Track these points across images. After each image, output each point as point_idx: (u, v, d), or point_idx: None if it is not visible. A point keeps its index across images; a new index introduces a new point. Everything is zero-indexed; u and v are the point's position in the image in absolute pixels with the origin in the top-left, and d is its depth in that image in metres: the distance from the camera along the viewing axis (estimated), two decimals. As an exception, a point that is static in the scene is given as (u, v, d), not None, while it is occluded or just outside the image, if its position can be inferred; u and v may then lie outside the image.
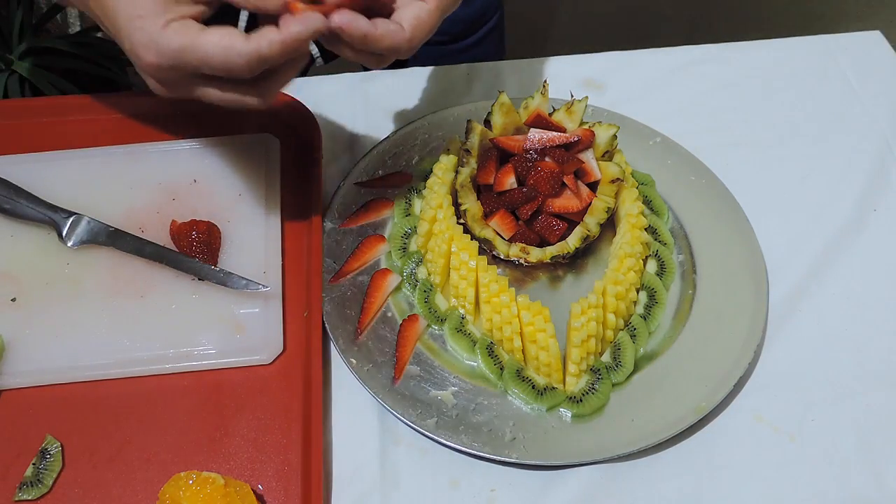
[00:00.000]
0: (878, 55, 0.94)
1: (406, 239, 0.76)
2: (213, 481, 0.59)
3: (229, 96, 0.60)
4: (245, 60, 0.56)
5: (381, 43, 0.60)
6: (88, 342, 0.68)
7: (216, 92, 0.60)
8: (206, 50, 0.56)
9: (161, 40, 0.57)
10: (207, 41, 0.56)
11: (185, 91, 0.60)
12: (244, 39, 0.56)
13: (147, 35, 0.57)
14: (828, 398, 0.68)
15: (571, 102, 0.76)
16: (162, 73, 0.58)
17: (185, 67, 0.57)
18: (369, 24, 0.59)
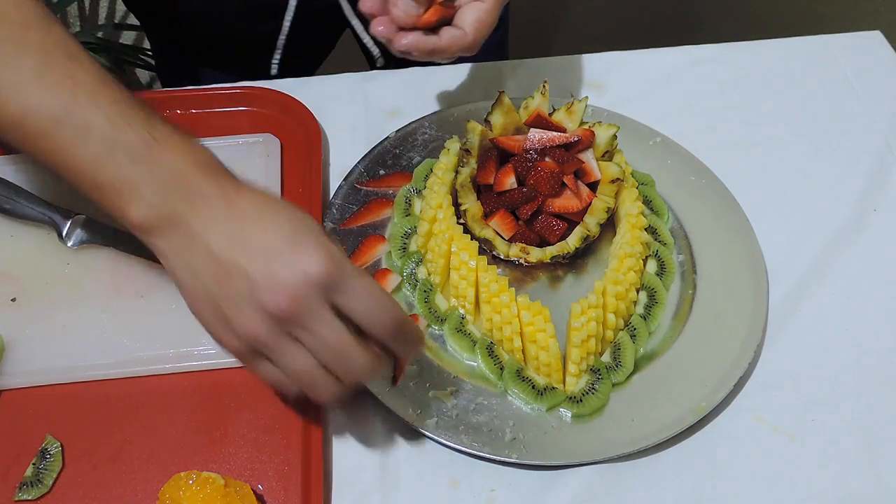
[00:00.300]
0: (878, 55, 0.94)
1: (406, 239, 0.76)
2: (213, 481, 0.59)
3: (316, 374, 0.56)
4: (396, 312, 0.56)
5: (449, 52, 0.68)
6: (88, 342, 0.68)
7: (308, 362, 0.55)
8: (376, 287, 0.56)
9: (341, 257, 0.55)
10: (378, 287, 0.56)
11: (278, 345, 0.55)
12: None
13: (329, 247, 0.54)
14: (828, 398, 0.68)
15: (571, 102, 0.76)
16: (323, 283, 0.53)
17: (345, 291, 0.54)
18: (435, 39, 0.67)
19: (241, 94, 0.86)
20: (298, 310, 0.53)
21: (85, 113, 0.55)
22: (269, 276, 0.53)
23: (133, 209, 0.55)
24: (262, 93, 0.86)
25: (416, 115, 0.85)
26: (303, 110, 0.84)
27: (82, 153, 0.55)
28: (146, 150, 0.55)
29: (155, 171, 0.55)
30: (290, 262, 0.53)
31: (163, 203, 0.55)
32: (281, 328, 0.54)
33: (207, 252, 0.55)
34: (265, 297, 0.53)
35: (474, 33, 0.68)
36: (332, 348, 0.55)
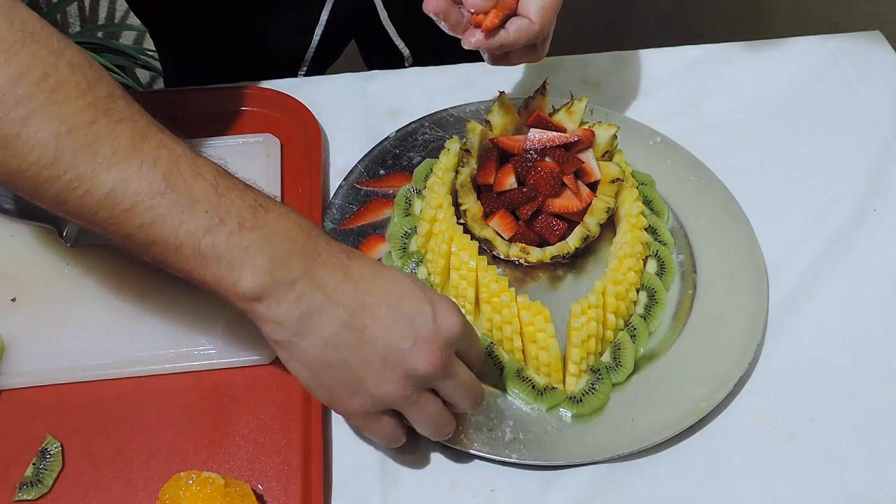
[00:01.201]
0: (878, 55, 0.94)
1: (406, 239, 0.76)
2: (213, 481, 0.59)
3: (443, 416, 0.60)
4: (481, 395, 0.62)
5: (518, 43, 0.68)
6: (88, 342, 0.68)
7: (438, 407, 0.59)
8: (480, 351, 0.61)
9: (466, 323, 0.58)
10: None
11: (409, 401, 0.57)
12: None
13: (458, 312, 0.58)
14: (828, 398, 0.68)
15: (571, 102, 0.76)
16: (452, 348, 0.57)
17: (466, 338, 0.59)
18: (504, 33, 0.67)
19: (241, 94, 0.86)
20: (444, 366, 0.56)
21: (189, 183, 0.53)
22: (416, 339, 0.55)
23: (247, 277, 0.53)
24: (262, 93, 0.86)
25: (416, 115, 0.85)
26: (303, 110, 0.84)
27: (188, 224, 0.53)
28: (255, 216, 0.54)
29: (268, 236, 0.54)
30: (432, 325, 0.56)
31: (279, 268, 0.54)
32: (423, 384, 0.57)
33: (335, 317, 0.55)
34: (414, 359, 0.55)
35: (540, 21, 0.67)
36: (467, 388, 0.59)
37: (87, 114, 0.52)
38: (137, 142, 0.53)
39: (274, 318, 0.55)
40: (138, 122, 0.54)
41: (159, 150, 0.54)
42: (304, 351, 0.55)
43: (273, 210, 0.56)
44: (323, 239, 0.57)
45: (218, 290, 0.55)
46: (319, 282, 0.55)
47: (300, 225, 0.56)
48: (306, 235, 0.56)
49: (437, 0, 0.67)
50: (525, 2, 0.68)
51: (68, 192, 0.52)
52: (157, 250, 0.54)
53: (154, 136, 0.54)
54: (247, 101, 0.86)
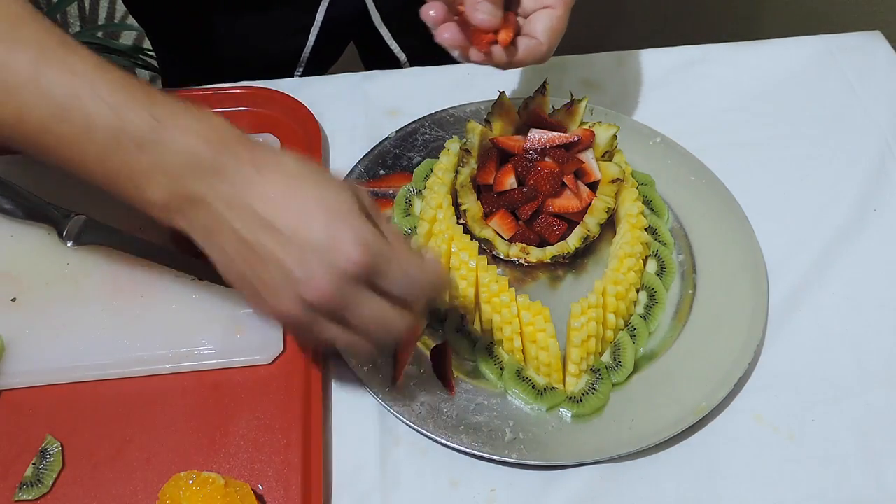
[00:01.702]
0: (878, 55, 0.94)
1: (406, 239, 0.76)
2: (213, 481, 0.59)
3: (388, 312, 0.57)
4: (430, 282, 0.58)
5: (525, 62, 0.67)
6: (88, 342, 0.68)
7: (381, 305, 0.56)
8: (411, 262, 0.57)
9: (376, 236, 0.55)
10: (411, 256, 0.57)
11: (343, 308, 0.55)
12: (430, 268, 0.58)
13: (362, 230, 0.54)
14: (828, 398, 0.68)
15: (571, 102, 0.76)
16: (357, 274, 0.54)
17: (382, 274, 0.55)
18: (511, 51, 0.66)
19: (241, 94, 0.86)
20: (337, 302, 0.55)
21: (86, 105, 0.54)
22: (306, 272, 0.53)
23: (150, 193, 0.55)
24: (262, 93, 0.86)
25: (416, 115, 0.85)
26: (303, 110, 0.84)
27: (89, 146, 0.54)
28: (153, 133, 0.54)
29: (166, 155, 0.54)
30: (325, 258, 0.53)
31: (179, 186, 0.54)
32: (322, 313, 0.56)
33: (235, 234, 0.55)
34: (303, 290, 0.54)
35: (548, 42, 0.67)
36: (374, 323, 0.56)
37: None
38: (39, 67, 0.54)
39: (185, 229, 0.56)
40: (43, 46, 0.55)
41: (60, 74, 0.54)
42: (215, 258, 0.57)
43: (174, 125, 0.55)
44: (233, 151, 0.55)
45: (134, 206, 0.56)
46: (222, 197, 0.54)
47: (206, 138, 0.55)
48: (212, 150, 0.54)
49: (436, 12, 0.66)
50: (533, 22, 0.68)
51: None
52: (76, 171, 0.56)
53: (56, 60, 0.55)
54: (247, 101, 0.86)
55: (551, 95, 0.77)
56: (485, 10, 0.64)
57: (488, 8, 0.65)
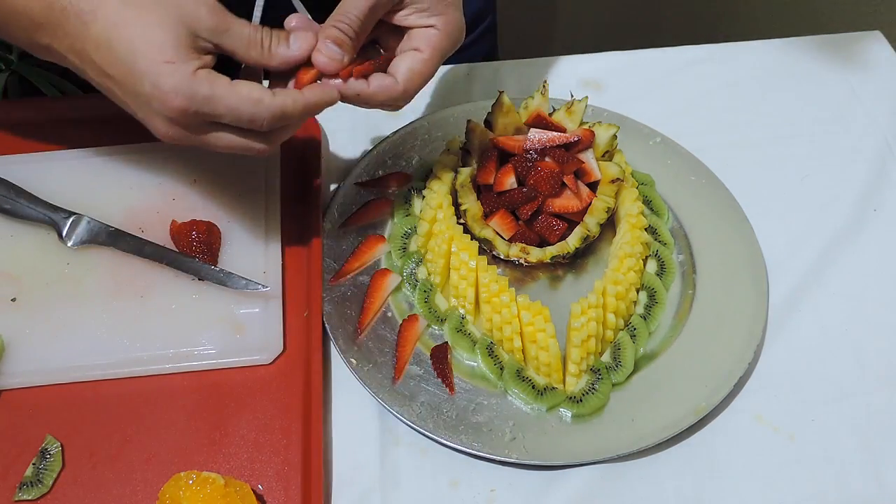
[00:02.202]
0: (878, 55, 0.94)
1: (406, 239, 0.76)
2: (213, 481, 0.59)
3: (240, 142, 0.61)
4: (270, 114, 0.59)
5: (376, 98, 0.64)
6: (88, 342, 0.68)
7: (230, 137, 0.61)
8: (236, 101, 0.58)
9: (193, 86, 0.57)
10: (237, 92, 0.59)
11: (198, 137, 0.61)
12: (271, 95, 0.60)
13: (177, 80, 0.57)
14: (828, 398, 0.68)
15: (571, 102, 0.76)
16: (185, 119, 0.59)
17: (210, 115, 0.59)
18: (361, 84, 0.64)
19: (241, 94, 0.85)
20: (181, 140, 0.60)
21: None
22: (145, 117, 0.60)
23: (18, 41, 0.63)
24: (262, 93, 0.85)
25: (416, 115, 0.85)
26: (303, 110, 0.84)
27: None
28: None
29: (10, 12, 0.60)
30: (154, 106, 0.58)
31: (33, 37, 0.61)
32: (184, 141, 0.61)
33: (90, 78, 0.61)
34: (152, 128, 0.60)
35: (405, 83, 0.64)
36: (231, 150, 0.61)
37: None
38: None
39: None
40: None
41: None
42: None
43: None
44: (58, 6, 0.58)
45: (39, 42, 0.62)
46: (67, 48, 0.60)
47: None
48: (43, 7, 0.59)
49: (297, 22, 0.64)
50: (395, 64, 0.65)
51: None
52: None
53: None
54: (247, 101, 0.85)
55: (551, 95, 0.77)
56: (327, 52, 0.62)
57: (331, 51, 0.62)
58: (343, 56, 0.63)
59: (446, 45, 0.66)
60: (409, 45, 0.66)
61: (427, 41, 0.65)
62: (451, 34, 0.66)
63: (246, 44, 0.60)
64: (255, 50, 0.61)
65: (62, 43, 0.59)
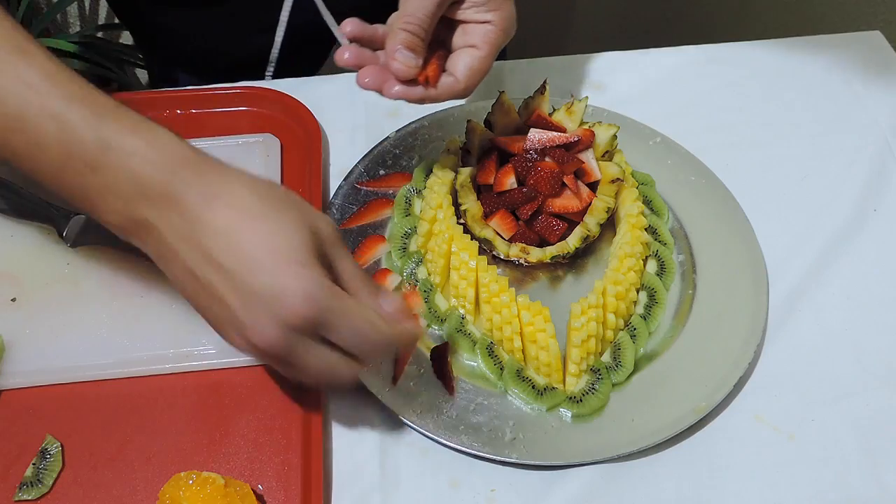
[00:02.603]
0: (878, 55, 0.94)
1: (406, 239, 0.76)
2: (213, 481, 0.59)
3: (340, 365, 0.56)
4: (385, 341, 0.56)
5: (440, 99, 0.66)
6: (88, 342, 0.68)
7: (332, 358, 0.55)
8: (361, 320, 0.54)
9: (325, 294, 0.52)
10: (362, 313, 0.55)
11: (299, 351, 0.54)
12: (387, 324, 0.56)
13: (309, 285, 0.52)
14: (828, 398, 0.68)
15: (571, 102, 0.76)
16: (303, 327, 0.53)
17: (331, 328, 0.54)
18: (430, 90, 0.65)
19: (241, 94, 0.86)
20: (281, 350, 0.54)
21: (38, 120, 0.52)
22: (251, 318, 0.52)
23: (104, 214, 0.54)
24: (262, 93, 0.86)
25: (416, 115, 0.85)
26: (303, 110, 0.84)
27: (42, 162, 0.53)
28: (101, 155, 0.52)
29: (113, 178, 0.52)
30: (270, 308, 0.52)
31: (129, 210, 0.53)
32: (266, 357, 0.56)
33: (184, 265, 0.53)
34: (251, 336, 0.53)
35: (466, 81, 0.66)
36: (320, 372, 0.56)
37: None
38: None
39: (142, 249, 0.56)
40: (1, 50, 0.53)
41: (14, 84, 0.52)
42: (170, 280, 0.56)
43: (120, 148, 0.52)
44: (181, 177, 0.53)
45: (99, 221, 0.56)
46: (171, 226, 0.53)
47: (153, 162, 0.53)
48: (158, 176, 0.52)
49: (350, 55, 0.65)
50: (454, 61, 0.67)
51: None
52: (40, 182, 0.55)
53: (11, 70, 0.53)
54: (247, 101, 0.86)
55: (551, 95, 0.77)
56: (402, 59, 0.63)
57: (406, 58, 0.63)
58: (417, 60, 0.64)
59: (502, 41, 0.67)
60: (466, 41, 0.67)
61: (484, 37, 0.66)
62: (507, 29, 0.67)
63: (352, 270, 0.57)
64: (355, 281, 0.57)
65: (169, 220, 0.53)
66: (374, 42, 0.67)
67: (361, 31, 0.66)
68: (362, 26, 0.66)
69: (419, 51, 0.64)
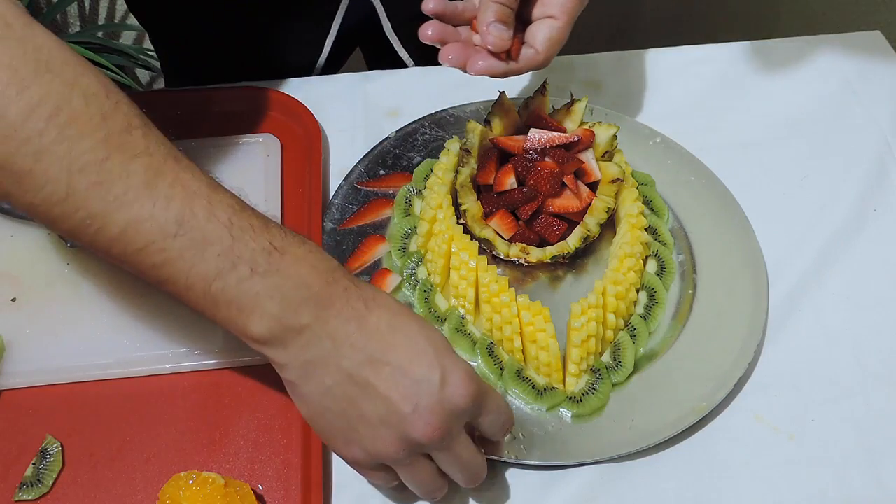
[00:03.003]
0: (878, 55, 0.94)
1: (406, 239, 0.76)
2: (213, 481, 0.59)
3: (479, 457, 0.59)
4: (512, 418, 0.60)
5: (522, 71, 0.67)
6: (88, 342, 0.68)
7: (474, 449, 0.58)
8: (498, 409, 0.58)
9: (477, 377, 0.55)
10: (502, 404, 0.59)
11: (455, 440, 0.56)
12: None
13: (467, 367, 0.55)
14: (828, 398, 0.68)
15: (571, 102, 0.76)
16: (465, 409, 0.54)
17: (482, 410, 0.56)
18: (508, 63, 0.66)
19: (241, 94, 0.86)
20: (444, 438, 0.54)
21: (202, 225, 0.52)
22: (416, 406, 0.53)
23: (255, 323, 0.53)
24: (262, 93, 0.86)
25: (416, 115, 0.85)
26: (303, 110, 0.84)
27: (199, 267, 0.52)
28: (269, 261, 0.52)
29: (280, 283, 0.52)
30: (436, 393, 0.53)
31: (289, 316, 0.52)
32: (418, 450, 0.55)
33: (339, 369, 0.53)
34: (410, 426, 0.53)
35: (546, 52, 0.67)
36: (467, 465, 0.57)
37: (100, 150, 0.50)
38: (151, 179, 0.51)
39: (280, 361, 0.54)
40: (154, 157, 0.52)
41: (174, 188, 0.52)
42: (307, 394, 0.55)
43: (289, 254, 0.53)
44: (342, 285, 0.54)
45: (228, 329, 0.54)
46: (330, 331, 0.53)
47: (317, 269, 0.54)
48: (323, 281, 0.54)
49: (434, 32, 0.67)
50: (533, 31, 0.67)
51: (82, 228, 0.51)
52: (170, 289, 0.53)
53: (169, 172, 0.52)
54: (247, 101, 0.86)
55: (551, 95, 0.77)
56: (497, 33, 0.64)
57: (500, 31, 0.64)
58: (509, 33, 0.64)
59: (578, 9, 0.68)
60: (544, 11, 0.67)
61: (561, 7, 0.67)
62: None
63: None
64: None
65: (327, 322, 0.53)
66: (455, 18, 0.68)
67: (444, 8, 0.67)
68: (444, 3, 0.67)
69: (510, 23, 0.65)
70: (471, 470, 0.58)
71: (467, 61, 0.66)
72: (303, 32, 0.95)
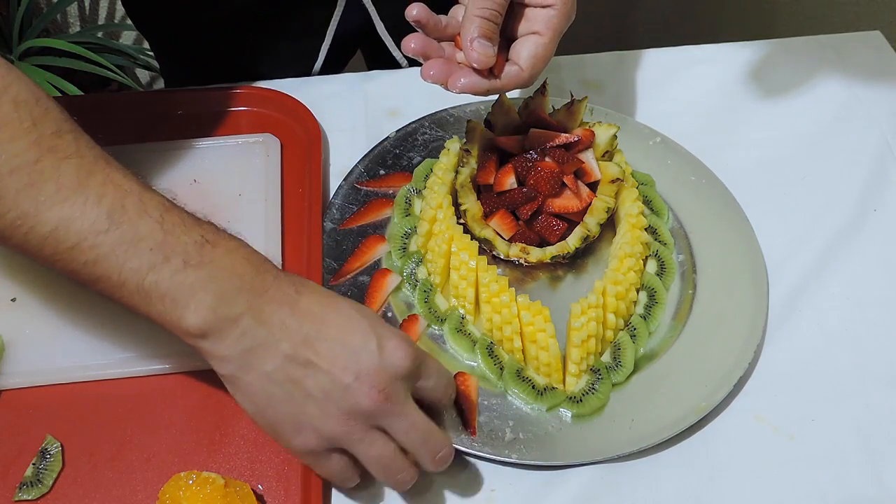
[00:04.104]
0: (878, 55, 0.94)
1: (406, 239, 0.76)
2: (213, 481, 0.59)
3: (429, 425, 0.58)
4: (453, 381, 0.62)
5: (505, 88, 0.66)
6: (88, 342, 0.68)
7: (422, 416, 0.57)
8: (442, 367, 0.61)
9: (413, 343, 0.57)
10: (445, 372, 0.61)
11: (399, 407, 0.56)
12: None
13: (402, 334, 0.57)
14: (828, 398, 0.68)
15: (571, 102, 0.76)
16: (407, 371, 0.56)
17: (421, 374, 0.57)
18: (490, 81, 0.65)
19: (241, 94, 0.86)
20: (390, 402, 0.55)
21: (134, 220, 0.53)
22: (359, 374, 0.54)
23: (190, 314, 0.53)
24: (262, 93, 0.86)
25: (416, 115, 0.85)
26: (303, 110, 0.84)
27: (132, 262, 0.53)
28: (201, 252, 0.54)
29: (213, 274, 0.54)
30: (377, 359, 0.55)
31: (223, 306, 0.54)
32: (368, 421, 0.55)
33: (278, 353, 0.54)
34: (357, 394, 0.54)
35: (530, 70, 0.65)
36: (420, 432, 0.57)
37: (31, 153, 0.52)
38: (83, 178, 0.53)
39: (218, 354, 0.55)
40: (84, 158, 0.54)
41: (105, 186, 0.53)
42: (249, 384, 0.55)
43: (221, 246, 0.55)
44: (272, 273, 0.56)
45: (163, 325, 0.55)
46: (264, 317, 0.54)
47: (249, 260, 0.56)
48: (254, 271, 0.55)
49: (417, 43, 0.65)
50: (517, 49, 0.66)
51: (12, 230, 0.53)
52: (103, 286, 0.54)
53: (100, 172, 0.54)
54: (247, 101, 0.86)
55: (551, 95, 0.77)
56: (481, 49, 0.63)
57: (484, 47, 0.63)
58: (493, 49, 0.63)
59: (563, 26, 0.67)
60: (529, 27, 0.66)
61: (547, 23, 0.65)
62: (568, 14, 0.67)
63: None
64: None
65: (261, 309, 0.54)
66: (438, 33, 0.67)
67: (427, 18, 0.66)
68: (429, 14, 0.66)
69: (494, 39, 0.63)
70: (429, 443, 0.57)
71: (449, 78, 0.65)
72: (298, 41, 0.94)
